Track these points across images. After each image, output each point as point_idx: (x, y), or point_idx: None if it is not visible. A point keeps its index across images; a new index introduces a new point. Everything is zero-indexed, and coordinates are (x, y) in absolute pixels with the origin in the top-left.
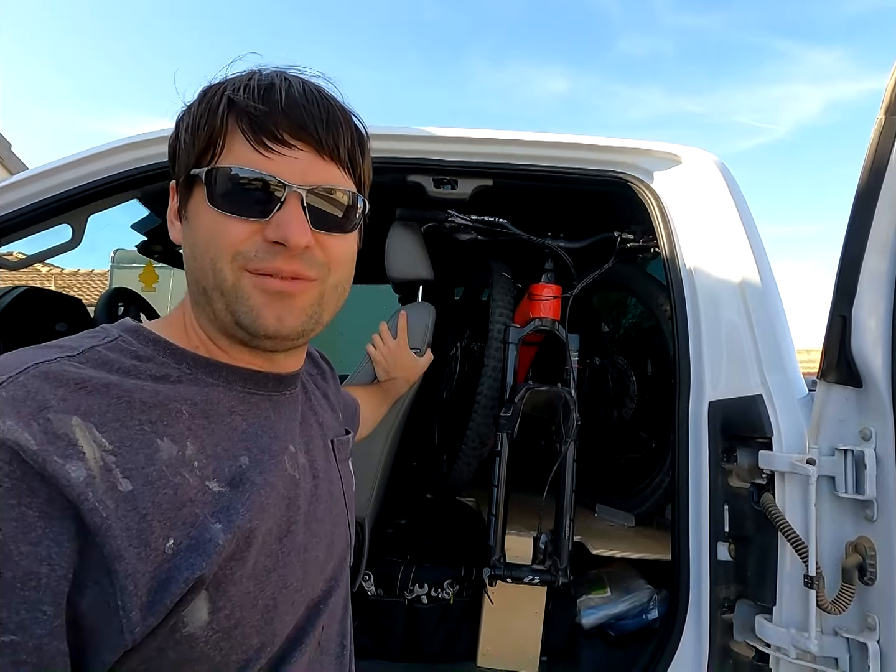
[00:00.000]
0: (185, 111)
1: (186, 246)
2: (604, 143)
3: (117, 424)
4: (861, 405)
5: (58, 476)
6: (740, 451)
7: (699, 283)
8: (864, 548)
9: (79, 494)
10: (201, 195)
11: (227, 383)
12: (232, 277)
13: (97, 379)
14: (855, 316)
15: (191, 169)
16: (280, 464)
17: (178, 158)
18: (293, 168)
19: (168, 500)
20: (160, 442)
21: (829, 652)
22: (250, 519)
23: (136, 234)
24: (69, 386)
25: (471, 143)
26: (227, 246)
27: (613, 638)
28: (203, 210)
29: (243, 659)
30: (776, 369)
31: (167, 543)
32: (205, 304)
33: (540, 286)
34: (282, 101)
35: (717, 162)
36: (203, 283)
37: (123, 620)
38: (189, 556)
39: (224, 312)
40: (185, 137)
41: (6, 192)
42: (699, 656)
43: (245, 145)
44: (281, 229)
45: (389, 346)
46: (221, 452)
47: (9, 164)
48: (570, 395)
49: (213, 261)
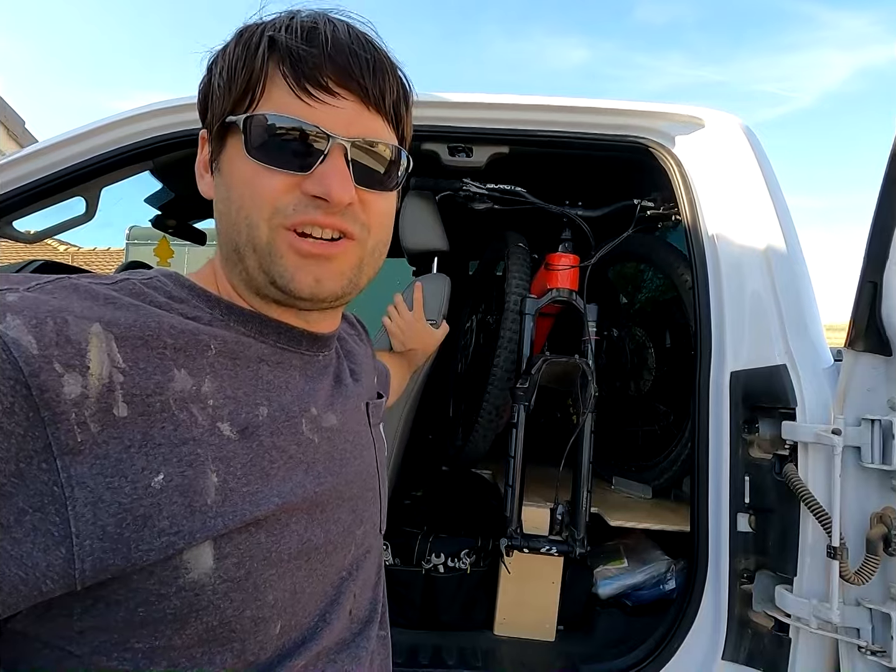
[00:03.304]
0: (218, 53)
1: (218, 200)
2: (623, 107)
3: (139, 343)
4: (890, 374)
5: (47, 387)
6: (762, 421)
7: (722, 252)
8: (889, 518)
9: (61, 413)
10: (237, 145)
11: (259, 335)
12: (267, 235)
13: (128, 300)
14: (886, 282)
15: (226, 116)
16: (295, 426)
17: (210, 105)
18: (337, 118)
19: (164, 434)
20: (177, 372)
21: (851, 622)
22: (248, 482)
23: (150, 210)
24: (98, 299)
25: (486, 108)
26: (265, 200)
27: (630, 608)
28: (239, 161)
29: (259, 616)
30: (801, 339)
31: (155, 478)
32: (237, 261)
33: (557, 256)
34: (327, 44)
35: (743, 126)
36: (236, 239)
37: (76, 549)
38: (175, 501)
39: (257, 271)
40: (220, 81)
41: (18, 165)
42: (717, 626)
43: (286, 91)
44: (323, 183)
45: (405, 317)
46: (242, 396)
47: (23, 141)
48: (588, 366)
49: (248, 216)
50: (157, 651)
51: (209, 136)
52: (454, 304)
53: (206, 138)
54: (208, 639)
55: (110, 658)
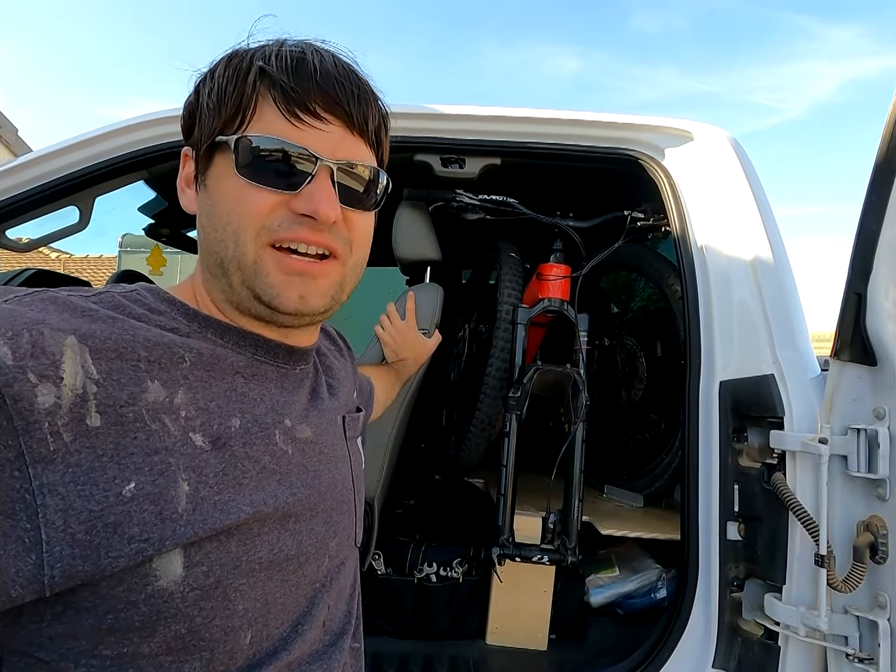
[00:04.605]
0: (206, 75)
1: (203, 214)
2: (613, 120)
3: (113, 355)
4: (875, 384)
5: (21, 397)
6: (751, 430)
7: (711, 263)
8: (876, 527)
9: (34, 422)
10: (226, 163)
11: (236, 346)
12: (254, 252)
13: (105, 313)
14: (870, 293)
15: (216, 135)
16: (268, 437)
17: (198, 123)
18: (324, 141)
19: (137, 444)
20: (150, 384)
21: (839, 630)
22: (219, 491)
23: (143, 218)
24: (75, 311)
25: (478, 120)
26: (253, 217)
27: (622, 616)
28: (228, 179)
29: (229, 626)
30: (788, 349)
31: (126, 486)
32: (220, 275)
33: (549, 266)
34: (315, 73)
35: (730, 138)
36: (221, 254)
37: (45, 555)
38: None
39: (241, 287)
40: (209, 102)
41: (12, 175)
42: (708, 634)
43: (277, 115)
44: (311, 202)
45: (398, 326)
46: (214, 408)
47: (16, 148)
48: (580, 375)
49: (235, 232)
50: (125, 658)
51: (195, 154)
52: (447, 314)
53: (189, 155)
54: (177, 647)
55: (78, 665)
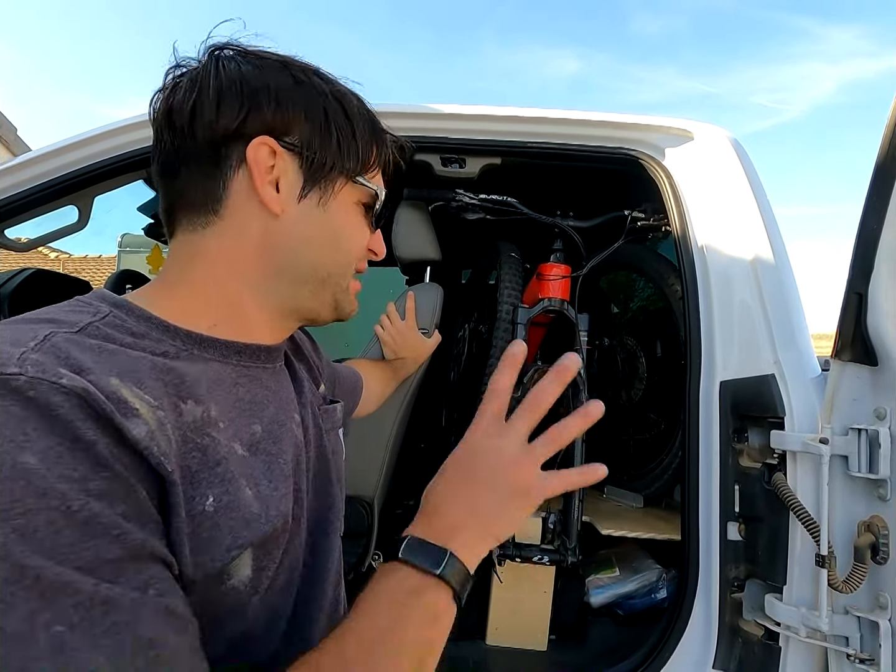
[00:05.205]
0: (338, 102)
1: (312, 229)
2: (614, 120)
3: (142, 388)
4: (876, 384)
5: (123, 430)
6: (751, 430)
7: (711, 263)
8: (877, 527)
9: (144, 448)
10: (352, 198)
11: (222, 357)
12: (350, 275)
13: (109, 346)
14: (871, 293)
15: (357, 175)
16: (289, 432)
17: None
18: None
19: (198, 461)
20: (183, 405)
21: (840, 630)
22: (276, 487)
23: (142, 218)
24: (93, 350)
25: (478, 120)
26: (361, 249)
27: (622, 617)
28: (354, 214)
29: (272, 617)
30: (789, 349)
31: (207, 501)
32: (310, 283)
33: (549, 266)
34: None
35: (731, 138)
36: (328, 269)
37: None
38: (230, 517)
39: (330, 298)
40: (347, 135)
41: (11, 174)
42: (708, 635)
43: (379, 174)
44: (379, 245)
45: (397, 326)
46: (236, 419)
47: (15, 148)
48: (580, 375)
49: (348, 257)
50: None
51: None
52: (446, 314)
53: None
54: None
55: None
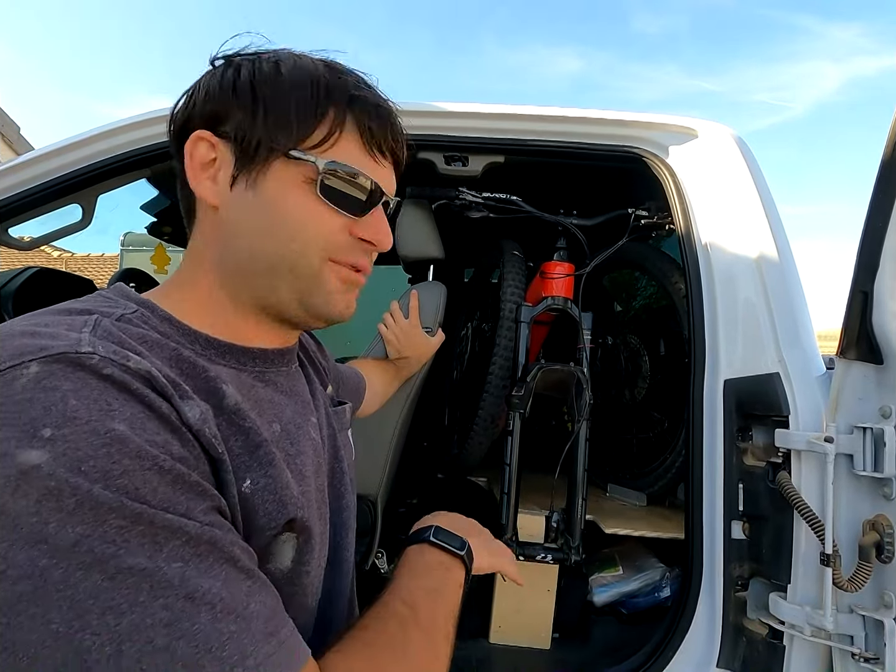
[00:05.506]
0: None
1: (247, 217)
2: (617, 118)
3: (185, 377)
4: (881, 383)
5: (181, 411)
6: (756, 429)
7: (715, 261)
8: (881, 526)
9: (197, 431)
10: (297, 178)
11: (239, 364)
12: (317, 266)
13: (151, 335)
14: (877, 291)
15: (291, 148)
16: (307, 434)
17: (246, 118)
18: (385, 178)
19: (241, 444)
20: (225, 388)
21: (845, 629)
22: (299, 482)
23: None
24: (140, 338)
25: (482, 118)
26: (323, 235)
27: (625, 615)
28: (299, 195)
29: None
30: (793, 347)
31: (244, 484)
32: (264, 276)
33: (552, 264)
34: (388, 114)
35: (735, 136)
36: (275, 261)
37: None
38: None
39: (288, 292)
40: (274, 105)
41: (15, 173)
42: (712, 633)
43: (360, 147)
44: (377, 233)
45: (401, 325)
46: (257, 417)
47: (17, 147)
48: (583, 374)
49: (303, 247)
50: None
51: (232, 147)
52: (450, 312)
53: (209, 140)
54: None
55: None
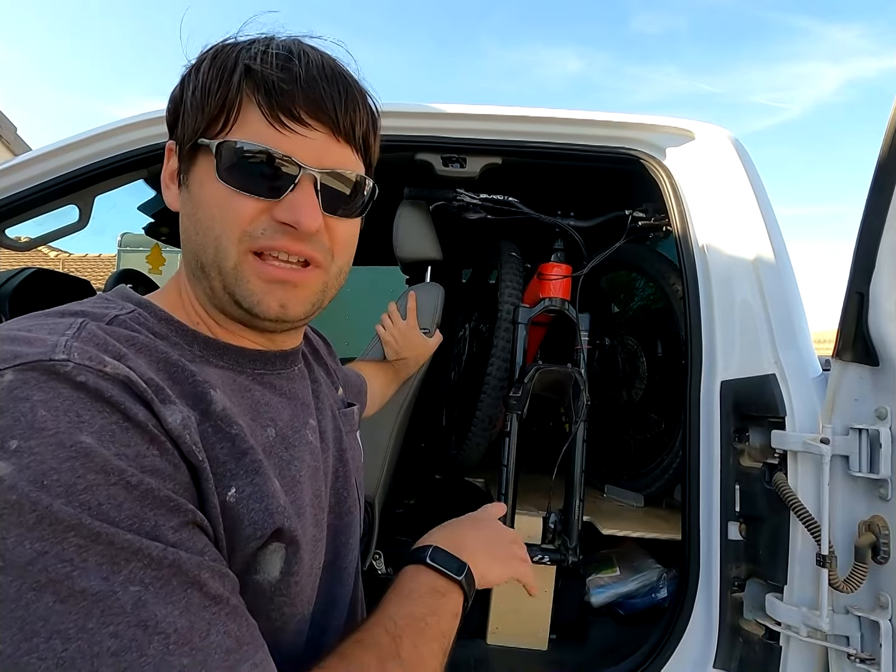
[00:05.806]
0: (192, 70)
1: (186, 216)
2: (614, 119)
3: (171, 381)
4: (877, 384)
5: (161, 416)
6: (752, 430)
7: (712, 262)
8: (877, 527)
9: (178, 437)
10: (208, 166)
11: (237, 365)
12: (235, 259)
13: (140, 338)
14: (873, 293)
15: (199, 136)
16: (304, 437)
17: (182, 120)
18: (308, 148)
19: (226, 452)
20: (213, 393)
21: (841, 630)
22: (290, 490)
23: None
24: (127, 340)
25: (479, 119)
26: (235, 224)
27: (623, 616)
28: (210, 183)
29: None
30: (790, 349)
31: (228, 493)
32: (201, 277)
33: (550, 265)
34: (301, 76)
35: (731, 137)
36: (202, 257)
37: None
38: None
39: (221, 291)
40: (192, 100)
41: (12, 174)
42: (709, 634)
43: (260, 119)
44: (293, 212)
45: (399, 326)
46: (251, 423)
47: (15, 147)
48: (581, 375)
49: (217, 238)
50: None
51: (178, 151)
52: (447, 313)
53: (172, 150)
54: None
55: None
